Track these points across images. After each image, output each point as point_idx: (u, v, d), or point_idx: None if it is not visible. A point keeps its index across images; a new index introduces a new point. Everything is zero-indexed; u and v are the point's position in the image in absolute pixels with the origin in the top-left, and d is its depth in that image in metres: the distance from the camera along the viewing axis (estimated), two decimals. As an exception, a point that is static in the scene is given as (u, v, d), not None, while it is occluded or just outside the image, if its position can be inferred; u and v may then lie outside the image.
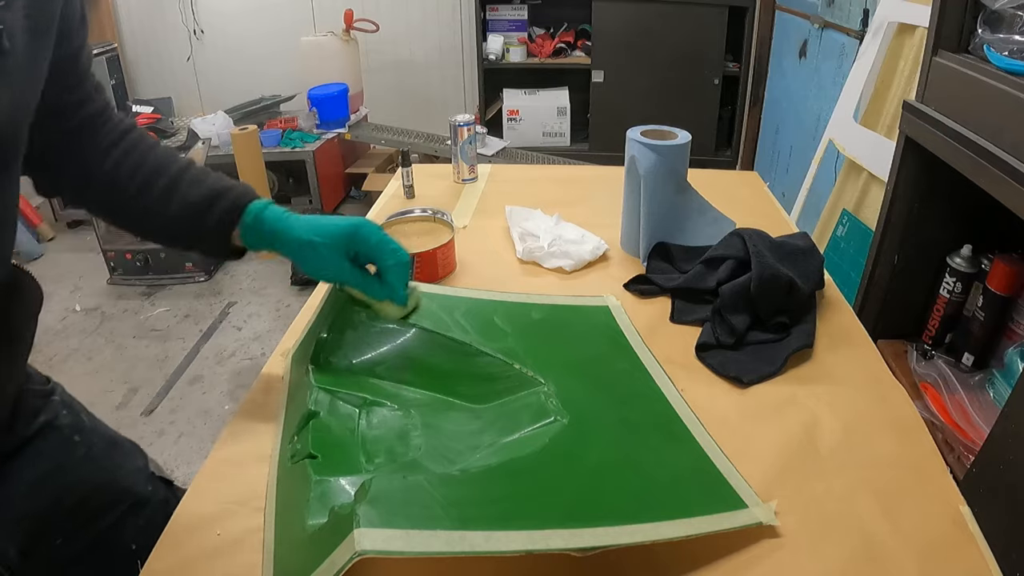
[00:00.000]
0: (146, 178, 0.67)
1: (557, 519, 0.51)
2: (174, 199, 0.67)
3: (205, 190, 0.68)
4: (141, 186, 0.67)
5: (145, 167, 0.67)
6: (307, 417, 0.64)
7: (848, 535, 0.57)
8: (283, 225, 0.67)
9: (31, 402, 0.68)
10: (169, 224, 0.69)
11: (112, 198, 0.68)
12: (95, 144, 0.67)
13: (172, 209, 0.67)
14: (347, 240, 0.67)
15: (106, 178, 0.67)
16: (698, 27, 3.17)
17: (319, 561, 0.44)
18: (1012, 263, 1.03)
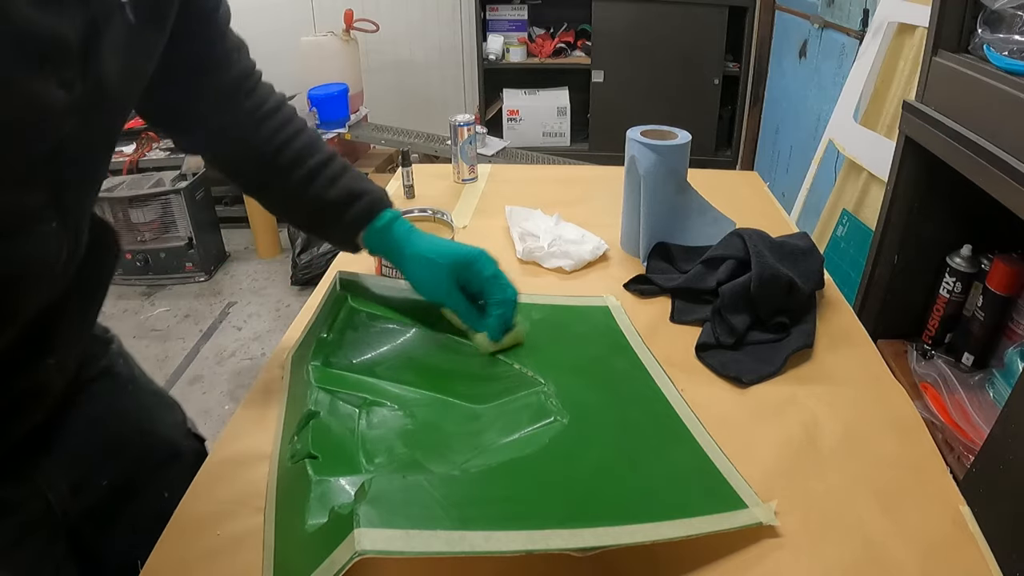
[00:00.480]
0: (293, 158, 0.71)
1: (557, 519, 0.51)
2: (313, 187, 0.71)
3: (345, 187, 0.72)
4: (288, 165, 0.71)
5: (294, 146, 0.71)
6: (307, 417, 0.64)
7: (848, 535, 0.57)
8: (407, 239, 0.72)
9: (94, 348, 0.72)
10: (302, 208, 0.73)
11: (256, 168, 0.72)
12: (246, 109, 0.70)
13: (310, 195, 0.71)
14: (462, 266, 0.71)
15: (255, 148, 0.71)
16: (698, 27, 3.17)
17: (319, 561, 0.45)
18: (1012, 263, 1.03)
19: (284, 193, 0.72)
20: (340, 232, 0.73)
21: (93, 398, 0.68)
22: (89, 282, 0.62)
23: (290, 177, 0.71)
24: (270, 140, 0.71)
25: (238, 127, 0.70)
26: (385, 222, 0.72)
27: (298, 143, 0.72)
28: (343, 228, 0.73)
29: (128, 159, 2.90)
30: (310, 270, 2.64)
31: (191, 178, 2.67)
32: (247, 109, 0.70)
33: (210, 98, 0.68)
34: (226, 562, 0.55)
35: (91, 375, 0.69)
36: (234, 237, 3.06)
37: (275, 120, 0.72)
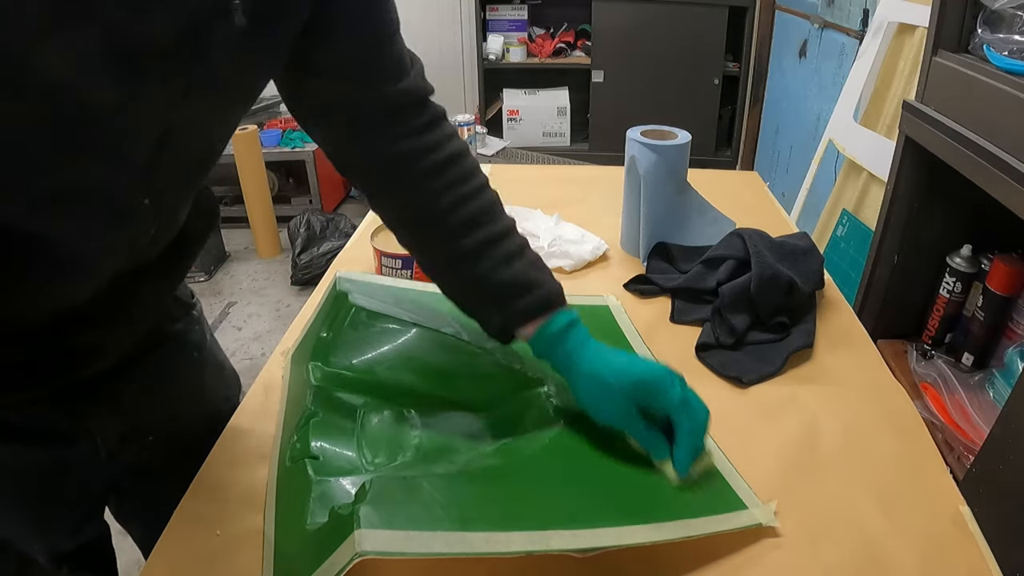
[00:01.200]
0: (466, 221, 0.62)
1: (557, 520, 0.51)
2: (482, 262, 0.62)
3: (521, 271, 0.62)
4: (457, 227, 0.62)
5: (470, 208, 0.62)
6: (307, 417, 0.64)
7: (848, 535, 0.57)
8: (580, 352, 0.61)
9: (174, 309, 0.74)
10: (462, 281, 0.65)
11: (418, 221, 0.64)
12: (416, 145, 0.62)
13: (476, 270, 0.62)
14: (644, 391, 0.59)
15: (422, 195, 0.62)
16: (698, 27, 3.17)
17: (319, 561, 0.44)
18: (1012, 263, 1.03)
19: (446, 260, 0.64)
20: (499, 320, 0.64)
21: (159, 358, 0.70)
22: (178, 249, 0.64)
23: (457, 243, 0.62)
24: (443, 192, 0.62)
25: (403, 162, 0.62)
26: (559, 328, 0.61)
27: (475, 205, 0.63)
28: (505, 317, 0.63)
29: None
30: (310, 270, 2.64)
31: (191, 178, 2.67)
32: (417, 146, 0.62)
33: (368, 108, 0.61)
34: (226, 562, 0.55)
35: (163, 338, 0.71)
36: (234, 237, 3.06)
37: (454, 170, 0.63)
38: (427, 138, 0.63)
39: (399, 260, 0.92)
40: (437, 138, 0.63)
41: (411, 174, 0.62)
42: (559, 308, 0.62)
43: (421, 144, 0.62)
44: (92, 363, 0.60)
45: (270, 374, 0.78)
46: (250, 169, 2.78)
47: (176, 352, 0.73)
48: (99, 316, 0.57)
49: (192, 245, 0.68)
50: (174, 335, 0.73)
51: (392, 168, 0.63)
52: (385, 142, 0.62)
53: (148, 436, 0.70)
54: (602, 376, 0.59)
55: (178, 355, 0.73)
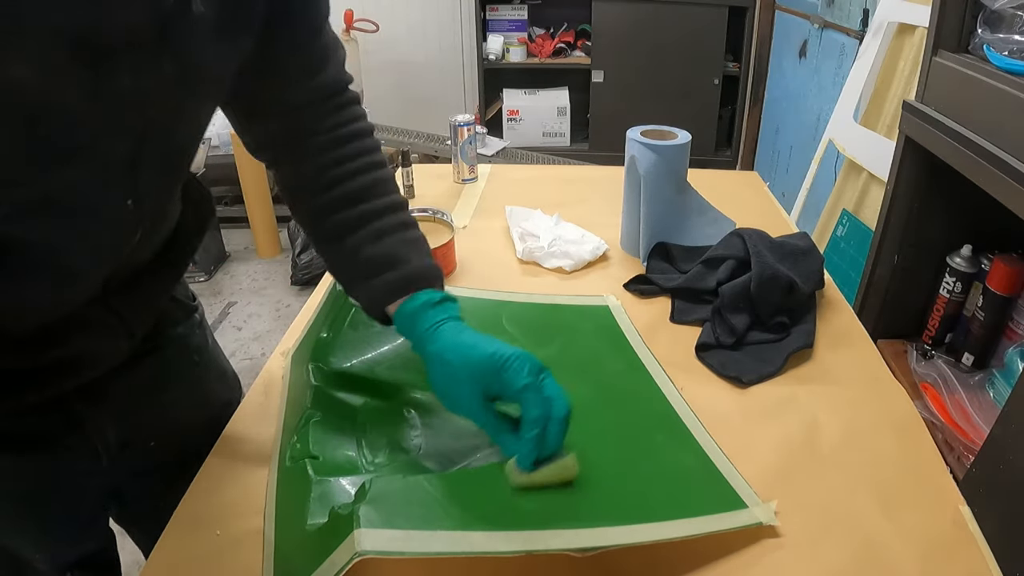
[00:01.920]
0: (349, 194, 0.62)
1: (557, 519, 0.51)
2: (356, 235, 0.62)
3: (389, 247, 0.61)
4: (340, 199, 0.62)
5: (358, 182, 0.63)
6: (307, 417, 0.64)
7: (848, 535, 0.57)
8: (433, 332, 0.58)
9: (174, 313, 0.73)
10: (336, 253, 0.64)
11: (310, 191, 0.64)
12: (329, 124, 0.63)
13: (348, 243, 0.62)
14: (488, 373, 0.54)
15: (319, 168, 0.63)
16: (698, 27, 3.17)
17: (319, 561, 0.45)
18: (1012, 263, 1.03)
19: (327, 232, 0.63)
20: (366, 297, 0.63)
21: (158, 362, 0.69)
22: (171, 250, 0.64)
23: (338, 215, 0.62)
24: (335, 165, 0.63)
25: (305, 136, 0.63)
26: (417, 306, 0.59)
27: (363, 180, 0.63)
28: (371, 293, 0.62)
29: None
30: (310, 270, 2.64)
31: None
32: (324, 124, 0.63)
33: (294, 92, 0.62)
34: (226, 562, 0.55)
35: (163, 342, 0.70)
36: (234, 237, 3.06)
37: (351, 146, 0.64)
38: (335, 117, 0.64)
39: (399, 260, 0.92)
40: (344, 117, 0.65)
41: (309, 146, 0.63)
42: (424, 287, 0.60)
43: (328, 123, 0.64)
44: (88, 370, 0.59)
45: (270, 374, 0.78)
46: (250, 169, 2.78)
47: (177, 356, 0.72)
48: (93, 322, 0.56)
49: (186, 244, 0.67)
50: (175, 339, 0.72)
51: (295, 140, 0.63)
52: (295, 120, 0.63)
53: (150, 442, 0.69)
54: (446, 357, 0.56)
55: (179, 359, 0.73)
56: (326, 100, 0.64)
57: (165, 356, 0.70)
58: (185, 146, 0.57)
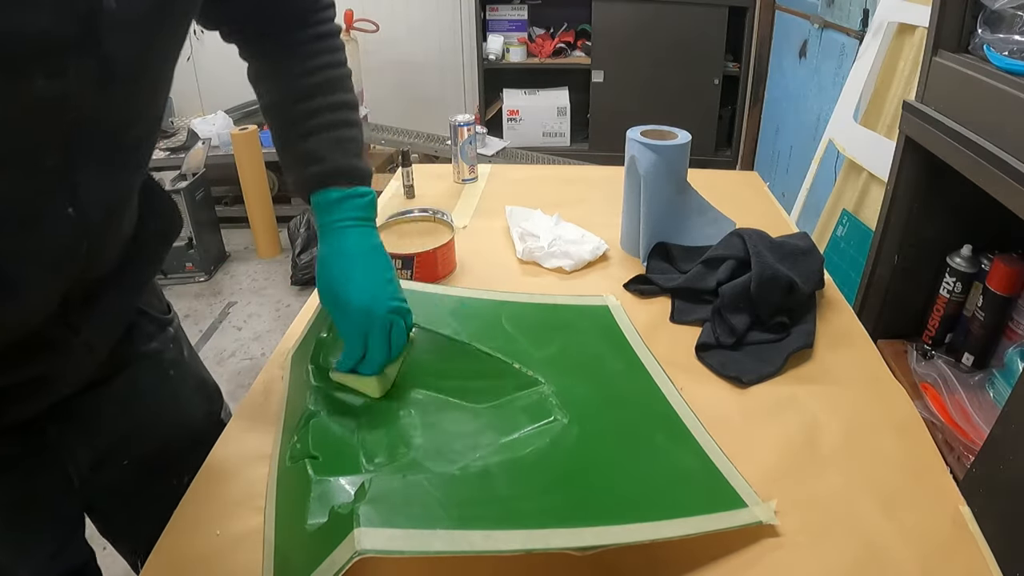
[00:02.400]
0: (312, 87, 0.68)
1: (557, 518, 0.51)
2: (296, 128, 0.68)
3: (317, 144, 0.67)
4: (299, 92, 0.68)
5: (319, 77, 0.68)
6: (307, 417, 0.64)
7: (848, 535, 0.57)
8: (322, 233, 0.67)
9: (147, 328, 0.71)
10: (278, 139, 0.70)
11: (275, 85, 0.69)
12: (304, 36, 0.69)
13: (291, 133, 0.68)
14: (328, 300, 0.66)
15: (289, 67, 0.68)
16: (698, 27, 3.16)
17: (319, 561, 0.45)
18: (1012, 263, 1.03)
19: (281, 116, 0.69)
20: (292, 182, 0.70)
21: (129, 380, 0.68)
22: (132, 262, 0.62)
23: (294, 104, 0.68)
24: (309, 59, 0.68)
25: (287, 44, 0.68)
26: (318, 202, 0.67)
27: (323, 76, 0.69)
28: (295, 184, 0.69)
29: (128, 159, 2.89)
30: (310, 270, 2.64)
31: (191, 178, 2.67)
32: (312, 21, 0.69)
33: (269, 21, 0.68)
34: (226, 562, 0.55)
35: (133, 357, 0.69)
36: (234, 237, 3.06)
37: (325, 43, 0.70)
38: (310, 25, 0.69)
39: (399, 260, 0.92)
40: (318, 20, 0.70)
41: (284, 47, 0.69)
42: (332, 186, 0.67)
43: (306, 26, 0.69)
44: (51, 390, 0.57)
45: (270, 374, 0.78)
46: (250, 169, 2.78)
47: (150, 372, 0.71)
48: (52, 340, 0.55)
49: (148, 258, 0.65)
50: (147, 355, 0.70)
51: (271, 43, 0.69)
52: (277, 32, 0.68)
53: (123, 460, 0.68)
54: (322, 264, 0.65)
55: (152, 375, 0.71)
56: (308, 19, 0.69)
57: (137, 373, 0.69)
58: (131, 147, 0.55)
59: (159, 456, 0.71)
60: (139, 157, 0.57)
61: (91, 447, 0.65)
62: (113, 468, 0.68)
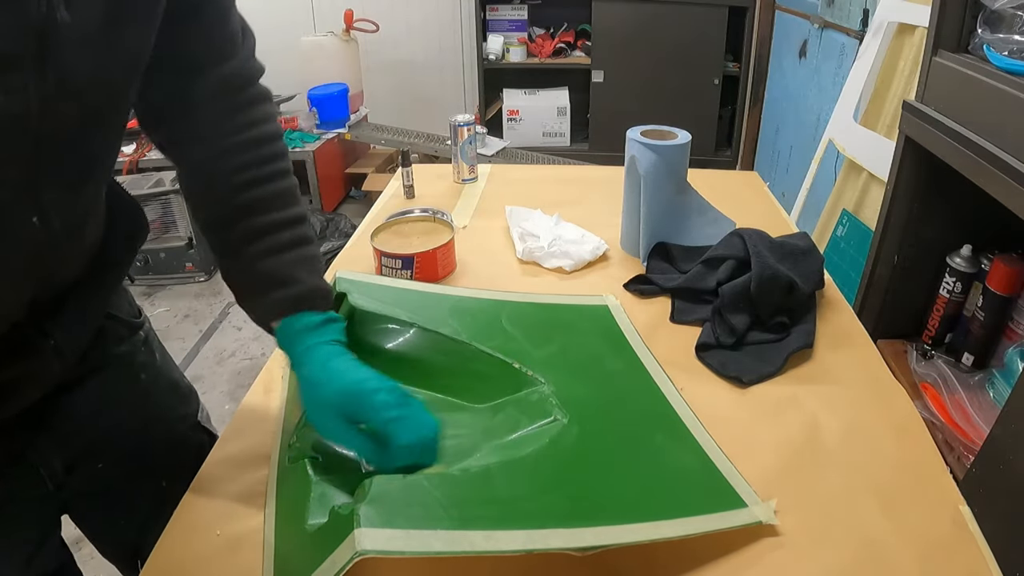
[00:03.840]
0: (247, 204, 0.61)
1: (557, 519, 0.51)
2: (250, 248, 0.61)
3: (280, 265, 0.61)
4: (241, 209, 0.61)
5: (257, 192, 0.61)
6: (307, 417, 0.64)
7: (848, 535, 0.57)
8: (305, 355, 0.59)
9: (117, 331, 0.70)
10: (231, 265, 0.63)
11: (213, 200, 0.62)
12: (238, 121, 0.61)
13: (243, 255, 0.61)
14: (349, 401, 0.55)
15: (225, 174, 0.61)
16: (698, 27, 3.17)
17: (319, 561, 0.45)
18: (1012, 263, 1.03)
19: (223, 241, 0.62)
20: (254, 311, 0.63)
21: (100, 384, 0.68)
22: (100, 267, 0.62)
23: (237, 225, 0.61)
24: (239, 172, 0.61)
25: (219, 140, 0.61)
26: (295, 328, 0.60)
27: (266, 190, 0.62)
28: (257, 308, 0.62)
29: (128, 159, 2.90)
30: (310, 270, 2.64)
31: (191, 178, 2.67)
32: (238, 124, 0.62)
33: (203, 87, 0.60)
34: (226, 562, 0.55)
35: (104, 361, 0.68)
36: (234, 237, 3.06)
37: (256, 152, 0.62)
38: (243, 116, 0.62)
39: (399, 260, 0.92)
40: (253, 117, 0.63)
41: (214, 149, 0.61)
42: (307, 309, 0.60)
43: (237, 122, 0.61)
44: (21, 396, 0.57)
45: (270, 374, 0.78)
46: (250, 169, 2.78)
47: (120, 376, 0.70)
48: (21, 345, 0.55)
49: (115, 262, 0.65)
50: (117, 358, 0.70)
51: (200, 140, 0.61)
52: (202, 117, 0.61)
53: (97, 464, 0.68)
54: (312, 381, 0.57)
55: (123, 379, 0.70)
56: (234, 94, 0.62)
57: (107, 376, 0.68)
58: (94, 157, 0.54)
59: (134, 459, 0.71)
60: (104, 168, 0.57)
61: (64, 450, 0.64)
62: (88, 471, 0.67)
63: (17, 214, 0.47)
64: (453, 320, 0.76)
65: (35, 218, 0.48)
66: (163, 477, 0.73)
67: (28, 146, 0.45)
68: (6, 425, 0.58)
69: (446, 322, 0.75)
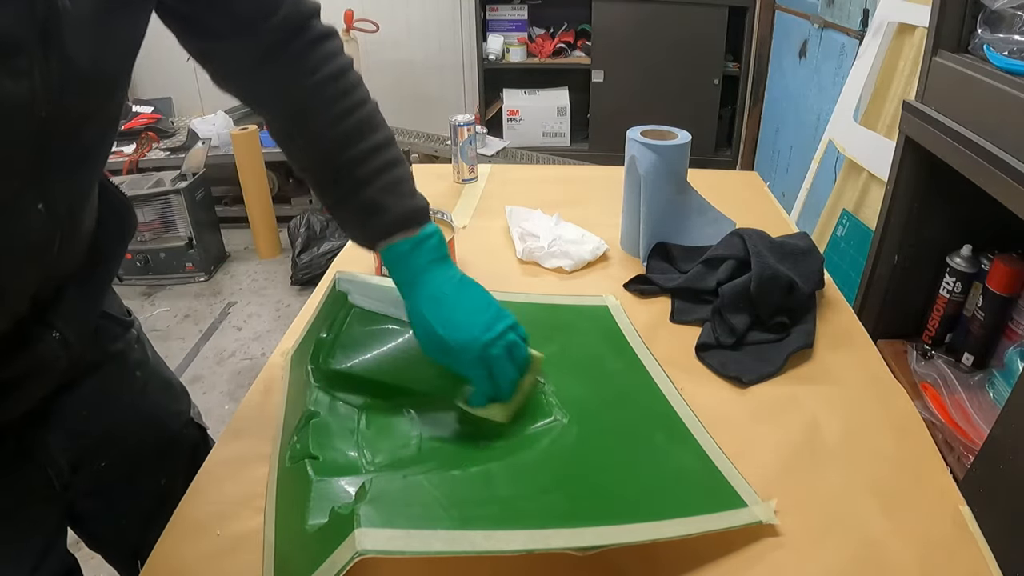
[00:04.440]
0: (339, 137, 0.64)
1: (557, 518, 0.51)
2: (353, 175, 0.64)
3: (374, 194, 0.63)
4: (342, 140, 0.64)
5: (345, 124, 0.64)
6: (307, 417, 0.64)
7: (848, 535, 0.57)
8: (406, 290, 0.64)
9: (111, 329, 0.72)
10: (334, 192, 0.66)
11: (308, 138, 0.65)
12: (305, 64, 0.63)
13: (346, 183, 0.64)
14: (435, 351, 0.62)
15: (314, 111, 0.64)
16: (698, 27, 3.16)
17: (320, 561, 0.45)
18: (1012, 263, 1.03)
19: (319, 176, 0.66)
20: (361, 238, 0.67)
21: (98, 381, 0.69)
22: (96, 257, 0.63)
23: (329, 159, 0.64)
24: (323, 110, 0.63)
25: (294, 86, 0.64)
26: (393, 256, 0.64)
27: (348, 124, 0.64)
28: (364, 235, 0.66)
29: (128, 159, 2.90)
30: (310, 270, 2.64)
31: (191, 178, 2.67)
32: (302, 68, 0.63)
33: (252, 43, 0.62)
34: (226, 562, 0.55)
35: (101, 358, 0.69)
36: (234, 237, 3.06)
37: (340, 84, 0.64)
38: (310, 59, 0.64)
39: (399, 260, 0.92)
40: (320, 56, 0.64)
41: (292, 95, 0.64)
42: (401, 234, 0.64)
43: (307, 66, 0.64)
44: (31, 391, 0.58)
45: (270, 374, 0.78)
46: (250, 169, 2.78)
47: (117, 373, 0.72)
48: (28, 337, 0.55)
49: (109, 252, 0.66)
50: (114, 355, 0.71)
51: (276, 90, 0.64)
52: (272, 70, 0.63)
53: (101, 461, 0.69)
54: (414, 318, 0.63)
55: (120, 376, 0.72)
56: (298, 37, 0.63)
57: (106, 372, 0.70)
58: (94, 144, 0.56)
59: (135, 456, 0.72)
60: (102, 153, 0.58)
61: (70, 449, 0.65)
62: (92, 469, 0.68)
63: (24, 201, 0.48)
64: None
65: (40, 205, 0.49)
66: (162, 475, 0.74)
67: (34, 132, 0.46)
68: (14, 424, 0.59)
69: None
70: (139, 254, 2.71)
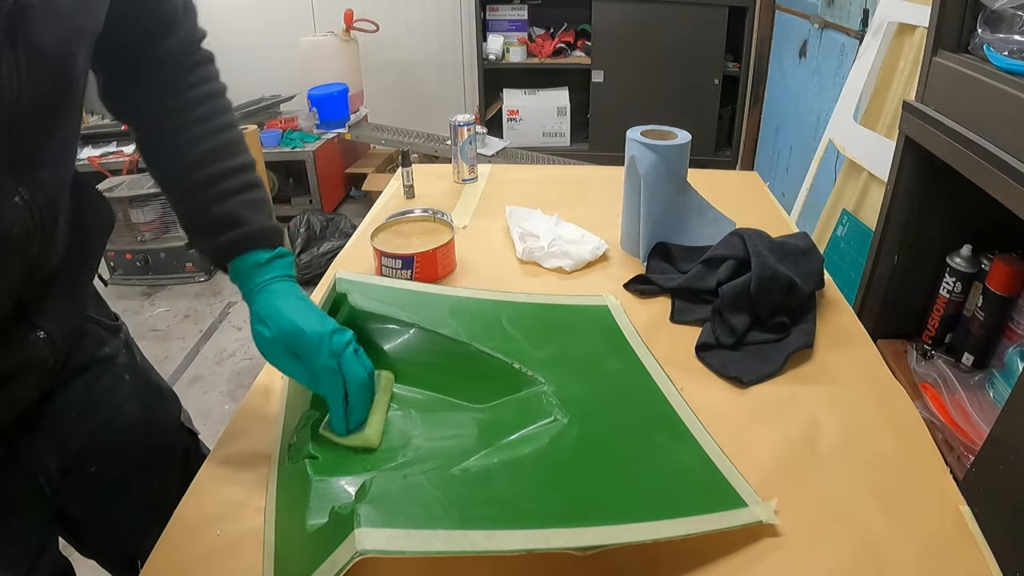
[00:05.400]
0: (202, 155, 0.65)
1: (557, 518, 0.51)
2: (204, 194, 0.65)
3: (232, 208, 0.65)
4: (193, 161, 0.65)
5: (210, 143, 0.66)
6: (307, 417, 0.64)
7: (848, 535, 0.57)
8: (253, 294, 0.64)
9: (99, 334, 0.72)
10: (186, 211, 0.67)
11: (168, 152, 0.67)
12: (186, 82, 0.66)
13: (198, 201, 0.66)
14: (291, 343, 0.61)
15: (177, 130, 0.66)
16: (698, 27, 3.17)
17: (320, 561, 0.45)
18: (1012, 263, 1.03)
19: (182, 190, 0.67)
20: (209, 253, 0.67)
21: (87, 385, 0.69)
22: (76, 255, 0.63)
23: (191, 175, 0.65)
24: (189, 129, 0.66)
25: (167, 101, 0.66)
26: (245, 266, 0.64)
27: (212, 142, 0.66)
28: (212, 250, 0.66)
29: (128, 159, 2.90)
30: (310, 270, 2.64)
31: (191, 178, 2.67)
32: (183, 86, 0.66)
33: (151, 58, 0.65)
34: (226, 562, 0.55)
35: (89, 362, 0.69)
36: (234, 237, 3.06)
37: (203, 108, 0.67)
38: (188, 79, 0.67)
39: (399, 260, 0.92)
40: (197, 78, 0.68)
41: (164, 110, 0.66)
42: (253, 248, 0.65)
43: (182, 85, 0.66)
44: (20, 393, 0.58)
45: (270, 374, 0.78)
46: (250, 169, 2.78)
47: (105, 376, 0.72)
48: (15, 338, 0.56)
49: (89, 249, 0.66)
50: (102, 359, 0.71)
51: (150, 105, 0.66)
52: (153, 86, 0.66)
53: (91, 466, 0.69)
54: (260, 317, 0.62)
55: (108, 379, 0.72)
56: (180, 61, 0.66)
57: (94, 377, 0.70)
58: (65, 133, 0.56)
59: (125, 461, 0.72)
60: (73, 145, 0.59)
61: (60, 453, 0.65)
62: (82, 474, 0.68)
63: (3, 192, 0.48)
64: (453, 320, 0.76)
65: (17, 198, 0.50)
66: (153, 480, 0.74)
67: (5, 123, 0.46)
68: (5, 430, 0.59)
69: (446, 322, 0.75)
70: (139, 254, 2.71)
